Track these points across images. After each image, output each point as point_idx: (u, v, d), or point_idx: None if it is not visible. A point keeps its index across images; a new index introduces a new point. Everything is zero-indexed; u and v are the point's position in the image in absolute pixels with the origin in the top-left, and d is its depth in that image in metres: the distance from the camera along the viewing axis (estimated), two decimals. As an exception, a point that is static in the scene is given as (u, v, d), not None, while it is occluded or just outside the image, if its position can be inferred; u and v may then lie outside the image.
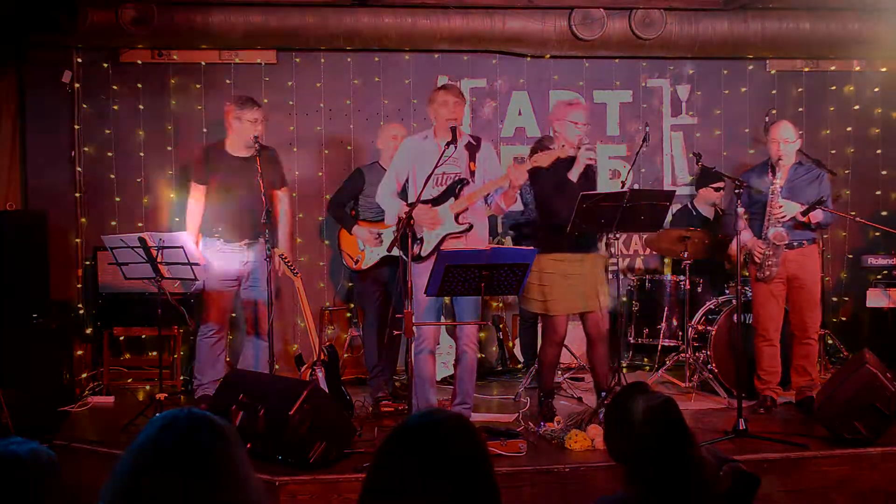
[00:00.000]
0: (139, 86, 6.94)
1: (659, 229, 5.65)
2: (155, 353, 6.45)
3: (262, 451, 4.37)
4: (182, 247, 5.03)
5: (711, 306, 6.28)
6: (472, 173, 5.12)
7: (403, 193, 5.25)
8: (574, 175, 5.15)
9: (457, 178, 5.10)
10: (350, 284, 6.91)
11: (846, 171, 7.57)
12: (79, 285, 6.85)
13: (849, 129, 7.63)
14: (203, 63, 7.00)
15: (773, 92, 7.55)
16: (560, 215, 5.06)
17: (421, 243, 5.07)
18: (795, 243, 5.53)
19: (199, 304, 5.88)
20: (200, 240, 5.67)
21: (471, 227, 5.08)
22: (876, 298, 6.74)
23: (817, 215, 5.43)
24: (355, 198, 6.08)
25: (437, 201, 5.09)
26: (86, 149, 6.90)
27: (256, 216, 5.49)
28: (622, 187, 5.82)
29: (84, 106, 6.89)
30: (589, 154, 5.14)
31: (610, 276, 5.65)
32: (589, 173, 5.26)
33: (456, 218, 5.08)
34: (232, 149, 5.66)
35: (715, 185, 6.75)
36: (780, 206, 5.40)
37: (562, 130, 5.25)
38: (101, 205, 6.92)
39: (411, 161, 5.17)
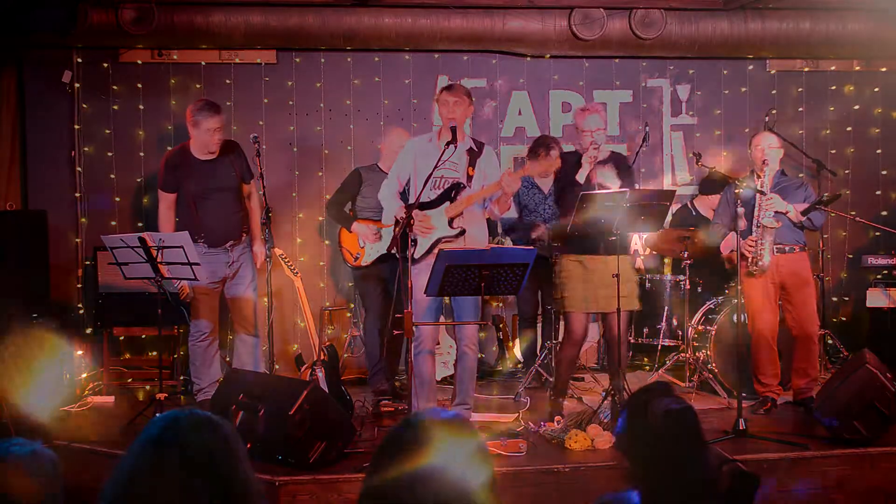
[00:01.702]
0: (139, 86, 6.95)
1: (659, 229, 5.65)
2: (155, 353, 6.45)
3: (262, 451, 4.37)
4: (182, 247, 5.03)
5: (711, 306, 6.28)
6: (470, 178, 5.13)
7: (405, 194, 5.26)
8: (581, 177, 5.20)
9: (454, 182, 5.11)
10: (350, 284, 6.91)
11: (846, 171, 7.57)
12: (79, 285, 6.85)
13: (849, 129, 7.63)
14: (203, 63, 7.00)
15: (773, 92, 7.55)
16: (567, 216, 5.11)
17: (415, 245, 5.08)
18: (787, 248, 5.54)
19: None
20: None
21: (464, 231, 5.09)
22: (876, 298, 6.74)
23: (812, 215, 5.47)
24: (353, 199, 6.08)
25: (433, 204, 5.10)
26: (86, 149, 6.91)
27: (235, 216, 5.47)
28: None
29: (84, 106, 6.90)
30: (592, 153, 5.18)
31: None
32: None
33: (450, 222, 5.09)
34: (197, 152, 5.54)
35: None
36: (770, 198, 5.42)
37: (579, 137, 5.37)
38: (101, 205, 6.92)
39: (414, 162, 5.18)
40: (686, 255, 6.27)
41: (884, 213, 7.53)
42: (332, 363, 5.52)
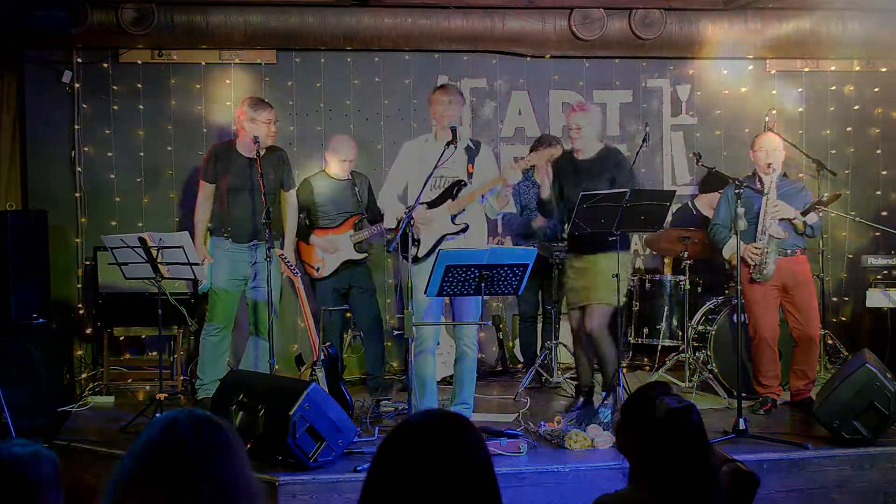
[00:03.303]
0: (139, 86, 6.94)
1: (659, 229, 5.65)
2: (155, 353, 6.45)
3: (262, 451, 4.37)
4: (182, 247, 5.03)
5: (711, 306, 6.27)
6: (470, 175, 5.15)
7: (405, 196, 5.28)
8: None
9: (455, 180, 5.12)
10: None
11: (846, 171, 7.56)
12: (79, 285, 6.85)
13: (849, 129, 7.62)
14: (203, 63, 7.00)
15: (773, 92, 7.54)
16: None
17: (418, 245, 5.09)
18: (788, 251, 5.54)
19: (202, 302, 5.88)
20: (209, 238, 5.69)
21: (467, 227, 5.11)
22: (876, 298, 6.73)
23: (811, 218, 5.47)
24: (307, 209, 6.12)
25: (435, 203, 5.11)
26: (86, 149, 6.90)
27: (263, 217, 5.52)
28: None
29: (84, 106, 6.89)
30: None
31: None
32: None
33: (453, 219, 5.10)
34: (242, 149, 5.69)
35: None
36: (776, 206, 5.42)
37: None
38: (101, 205, 6.92)
39: (412, 164, 5.20)
40: (686, 255, 6.27)
41: (884, 213, 7.53)
42: (332, 363, 5.52)
